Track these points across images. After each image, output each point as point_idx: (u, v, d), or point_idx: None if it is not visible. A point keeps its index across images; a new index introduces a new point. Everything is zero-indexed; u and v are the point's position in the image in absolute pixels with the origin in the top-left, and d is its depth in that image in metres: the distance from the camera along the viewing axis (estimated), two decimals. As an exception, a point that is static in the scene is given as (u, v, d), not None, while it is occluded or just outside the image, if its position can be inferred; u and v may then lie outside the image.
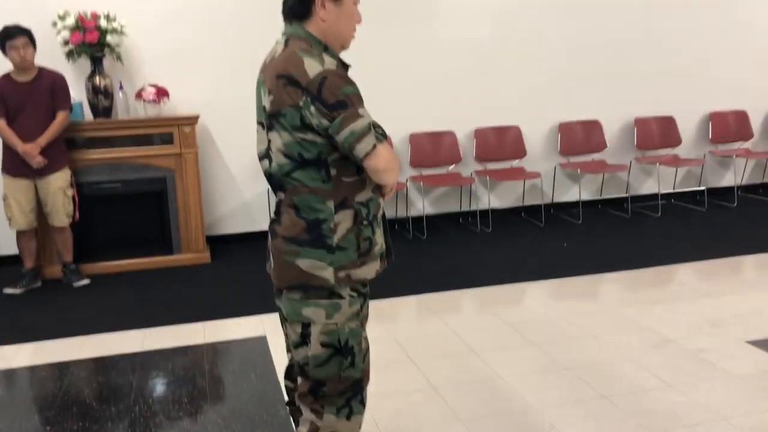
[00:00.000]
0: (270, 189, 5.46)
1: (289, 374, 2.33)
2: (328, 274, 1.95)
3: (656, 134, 6.40)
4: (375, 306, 2.95)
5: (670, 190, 6.63)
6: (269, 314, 4.05)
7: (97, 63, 4.97)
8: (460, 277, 4.55)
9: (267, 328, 3.84)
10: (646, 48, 6.29)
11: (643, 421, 2.72)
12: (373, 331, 2.13)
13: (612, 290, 4.33)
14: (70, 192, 4.67)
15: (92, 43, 4.83)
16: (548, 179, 6.28)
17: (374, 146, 1.87)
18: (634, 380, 3.06)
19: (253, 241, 5.72)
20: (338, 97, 1.84)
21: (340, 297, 1.99)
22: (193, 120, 5.08)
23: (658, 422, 2.70)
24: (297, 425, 2.37)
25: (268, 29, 5.37)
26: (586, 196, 6.39)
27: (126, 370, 3.38)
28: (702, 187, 6.57)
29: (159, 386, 3.20)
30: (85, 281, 4.76)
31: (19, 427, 2.85)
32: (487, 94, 5.98)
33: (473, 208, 6.11)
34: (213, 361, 3.48)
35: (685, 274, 4.58)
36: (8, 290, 4.60)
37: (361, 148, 1.86)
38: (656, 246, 5.19)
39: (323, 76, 1.84)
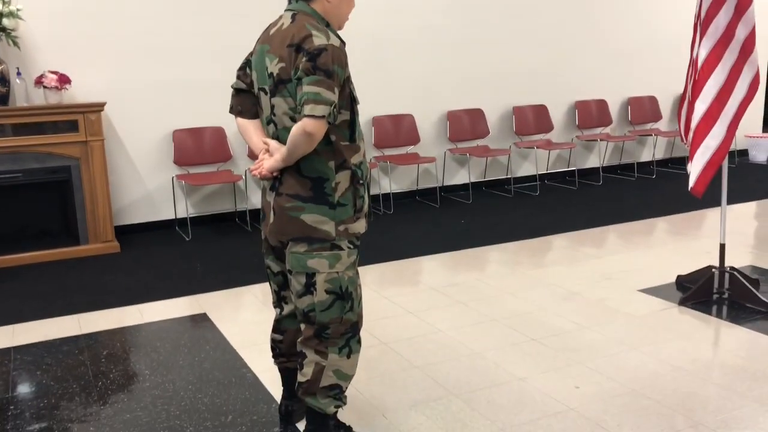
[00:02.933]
0: (175, 178, 5.52)
1: (278, 329, 2.51)
2: (330, 227, 2.19)
3: (532, 121, 7.06)
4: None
5: (545, 171, 7.33)
6: (200, 294, 4.16)
7: (-8, 48, 4.77)
8: (373, 254, 4.85)
9: (202, 306, 3.94)
10: (521, 43, 6.92)
11: (571, 355, 3.16)
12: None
13: (511, 257, 4.81)
14: (-27, 182, 4.46)
15: (-12, 26, 4.63)
16: (439, 164, 6.74)
17: (323, 117, 2.04)
18: (555, 325, 3.51)
19: (158, 230, 5.71)
20: (328, 67, 2.07)
21: (340, 249, 2.23)
22: (99, 107, 5.00)
23: (583, 355, 3.16)
24: (284, 376, 2.58)
25: (172, 19, 5.42)
26: (473, 178, 6.92)
27: (73, 352, 3.36)
28: (572, 168, 7.32)
29: (115, 363, 3.22)
30: (-8, 274, 4.56)
31: (-22, 410, 2.80)
32: (383, 84, 6.33)
33: (374, 192, 6.43)
34: (161, 337, 3.54)
35: (569, 241, 5.17)
36: None
37: (313, 109, 2.03)
38: (539, 220, 5.78)
39: (326, 47, 2.08)
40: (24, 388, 2.99)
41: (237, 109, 2.38)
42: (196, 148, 5.70)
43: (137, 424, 2.66)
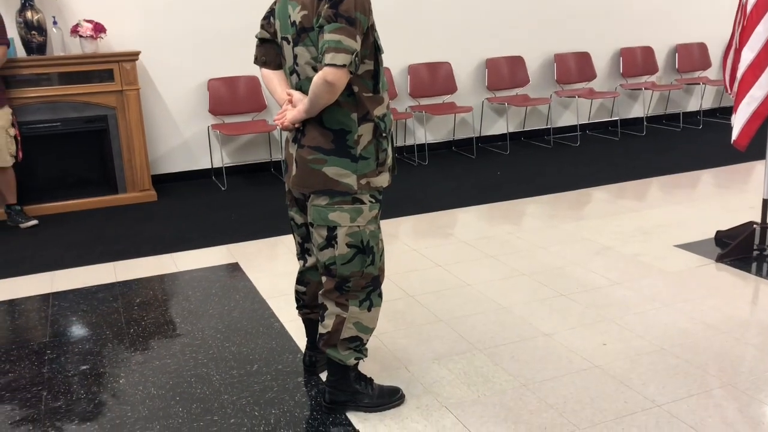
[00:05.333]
0: (210, 127, 5.54)
1: (301, 280, 2.52)
2: (351, 181, 2.16)
3: (574, 69, 6.84)
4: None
5: (587, 121, 7.14)
6: (235, 244, 4.20)
7: (27, -4, 4.79)
8: (407, 206, 4.82)
9: (235, 256, 3.98)
10: (564, -13, 6.66)
11: (601, 311, 3.11)
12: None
13: (547, 210, 4.72)
14: (12, 131, 4.54)
15: (23, -25, 4.64)
16: (477, 113, 6.61)
17: (344, 66, 1.98)
18: (586, 280, 3.45)
19: (195, 179, 5.77)
20: (350, 14, 2.00)
21: (362, 202, 2.20)
22: (134, 56, 5.01)
23: (613, 311, 3.10)
24: (308, 327, 2.60)
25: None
26: (511, 128, 6.78)
27: (108, 299, 3.45)
28: (615, 118, 7.11)
29: (147, 311, 3.30)
30: (34, 222, 4.68)
31: (21, 353, 2.91)
32: (419, 31, 6.18)
33: (409, 142, 6.36)
34: (193, 286, 3.60)
35: (608, 194, 5.04)
36: (-48, 234, 4.47)
37: (333, 57, 1.96)
38: (579, 171, 5.65)
39: None
40: (60, 334, 3.09)
41: (261, 60, 2.34)
42: (231, 98, 5.69)
43: (165, 371, 2.73)
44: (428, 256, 3.86)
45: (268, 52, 2.32)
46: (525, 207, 4.78)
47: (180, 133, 5.65)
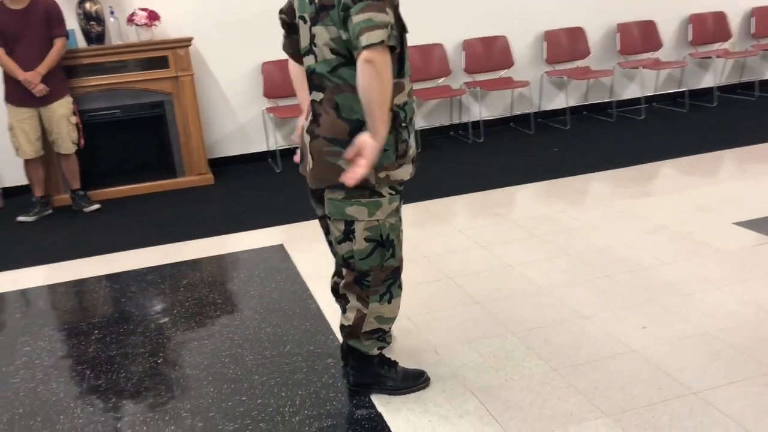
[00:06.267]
0: (265, 110, 5.60)
1: (338, 272, 2.45)
2: (369, 174, 2.04)
3: (638, 39, 6.54)
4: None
5: (652, 93, 6.83)
6: (282, 225, 4.25)
7: (86, -12, 4.95)
8: (458, 185, 4.74)
9: (281, 238, 4.03)
10: (627, -48, 6.36)
11: (645, 293, 2.99)
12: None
13: (604, 187, 4.56)
14: (74, 119, 4.73)
15: (80, -33, 4.80)
16: (535, 88, 6.43)
17: (382, 42, 1.84)
18: (634, 261, 3.32)
19: (252, 162, 5.86)
20: None
21: (381, 195, 2.11)
22: (186, 42, 5.11)
23: (658, 293, 2.97)
24: (343, 312, 2.59)
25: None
26: (572, 102, 6.57)
27: (156, 281, 3.56)
28: (683, 89, 6.77)
29: (191, 292, 3.39)
30: (96, 206, 4.88)
31: (71, 333, 3.05)
32: (473, 4, 6.05)
33: (464, 120, 6.26)
34: (237, 268, 3.68)
35: (671, 169, 4.82)
36: (21, 218, 4.72)
37: (368, 37, 1.82)
38: (641, 146, 5.41)
39: None
40: (108, 315, 3.22)
41: (288, 51, 2.33)
42: (285, 81, 5.69)
43: (202, 351, 2.80)
44: (472, 237, 3.80)
45: (294, 43, 2.26)
46: (581, 184, 4.63)
47: (235, 117, 5.75)
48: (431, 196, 4.55)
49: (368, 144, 1.92)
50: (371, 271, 2.20)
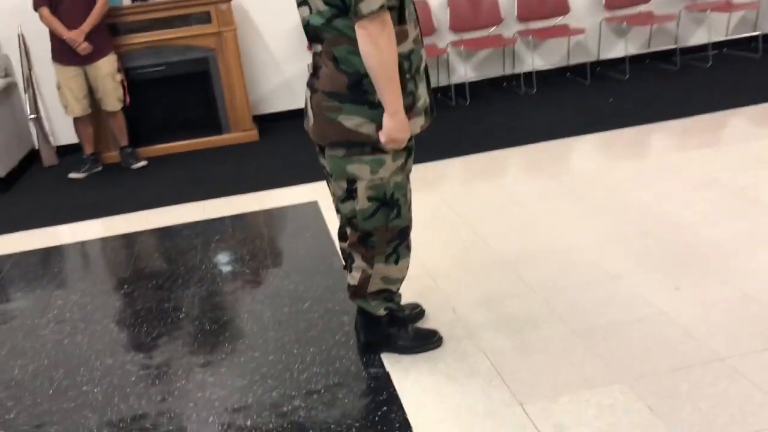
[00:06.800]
0: (309, 66, 5.52)
1: (343, 237, 2.34)
2: (370, 130, 1.96)
3: (707, -21, 6.09)
4: (420, 168, 3.04)
5: (722, 38, 6.37)
6: (320, 182, 4.20)
7: (127, -55, 4.96)
8: (505, 138, 4.57)
9: (318, 194, 3.99)
10: None
11: (683, 251, 2.81)
12: (420, 192, 2.15)
13: (659, 138, 4.30)
14: (119, 77, 4.80)
15: (121, -77, 4.79)
16: (593, 35, 6.10)
17: (381, 7, 1.78)
18: (676, 218, 3.12)
19: (297, 118, 5.79)
20: None
21: (384, 152, 2.01)
22: (228, -3, 5.08)
23: (698, 252, 2.79)
24: (349, 271, 2.53)
25: None
26: (632, 50, 6.21)
27: (190, 236, 3.60)
28: (756, 33, 6.29)
29: (222, 248, 3.41)
30: (143, 163, 4.97)
31: (102, 288, 3.13)
32: (526, -52, 5.75)
33: (516, 71, 6.02)
34: (269, 224, 3.67)
35: (736, 119, 4.50)
36: (72, 175, 4.85)
37: (367, 4, 1.77)
38: (706, 96, 5.07)
39: None
40: (139, 269, 3.28)
41: None
42: (330, 33, 5.63)
43: (222, 306, 2.82)
44: (509, 193, 3.66)
45: None
46: (633, 136, 4.38)
47: (281, 72, 5.71)
48: (476, 149, 4.40)
49: (386, 124, 1.93)
50: (375, 232, 2.12)
